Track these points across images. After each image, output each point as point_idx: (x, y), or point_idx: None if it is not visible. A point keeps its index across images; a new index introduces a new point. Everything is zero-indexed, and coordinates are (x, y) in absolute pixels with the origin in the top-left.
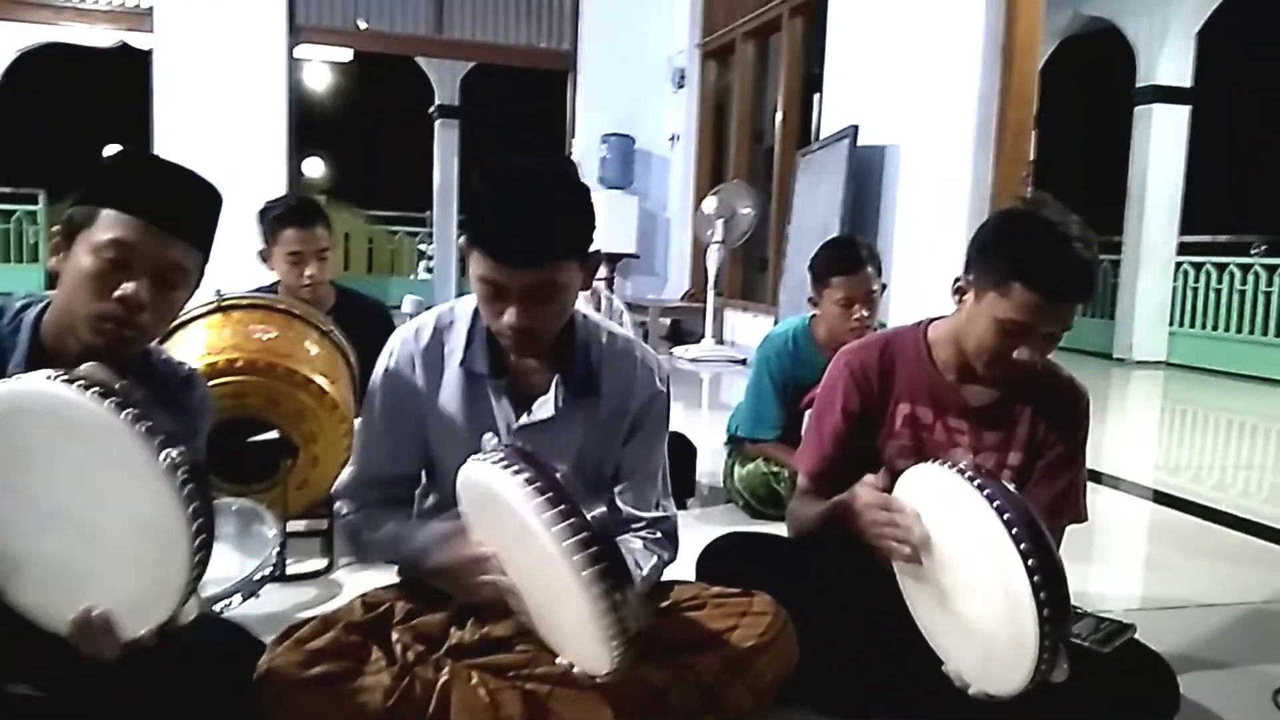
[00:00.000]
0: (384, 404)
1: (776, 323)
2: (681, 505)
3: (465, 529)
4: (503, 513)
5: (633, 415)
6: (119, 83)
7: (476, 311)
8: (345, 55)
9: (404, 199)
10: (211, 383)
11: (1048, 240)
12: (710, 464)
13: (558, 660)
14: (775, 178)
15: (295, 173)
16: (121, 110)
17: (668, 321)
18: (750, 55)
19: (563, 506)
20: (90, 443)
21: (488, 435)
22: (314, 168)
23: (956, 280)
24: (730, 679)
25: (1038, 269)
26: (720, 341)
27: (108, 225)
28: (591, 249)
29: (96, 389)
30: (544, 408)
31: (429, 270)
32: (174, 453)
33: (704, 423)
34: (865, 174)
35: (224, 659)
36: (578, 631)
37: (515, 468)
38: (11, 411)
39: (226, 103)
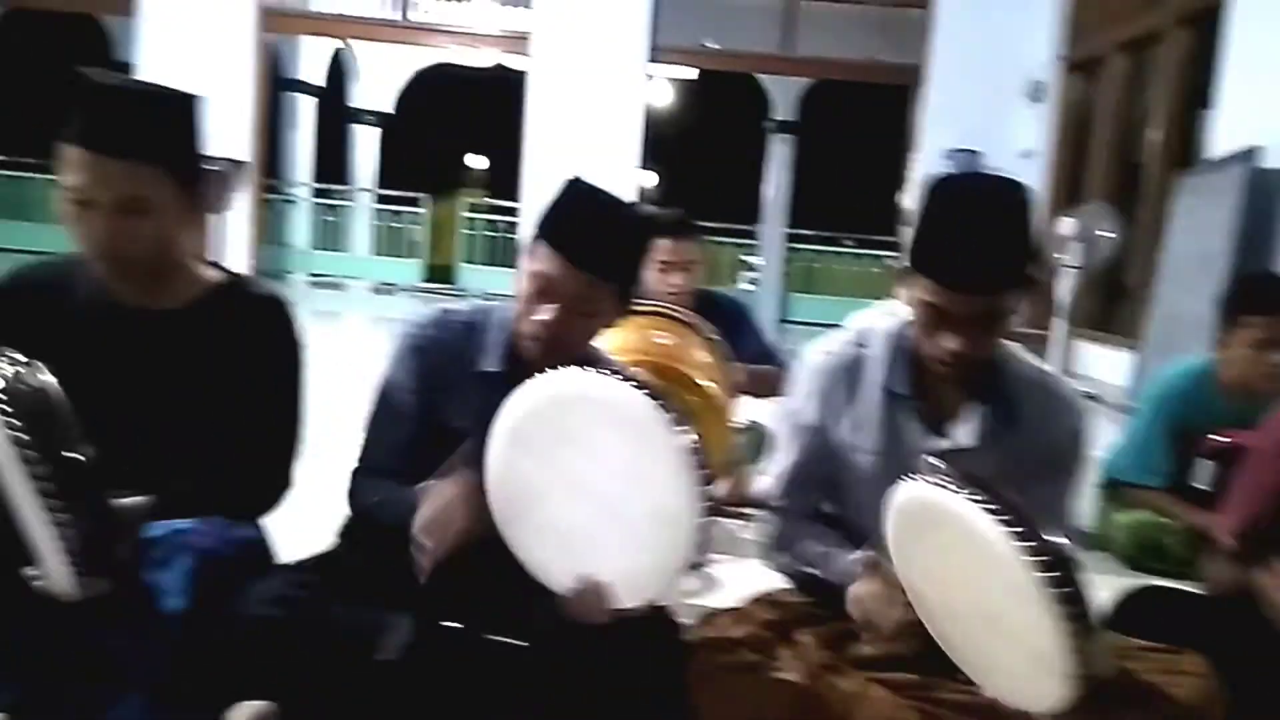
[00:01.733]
0: (793, 421)
1: (1147, 359)
2: None
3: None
4: (954, 537)
5: (1049, 452)
6: (489, 101)
7: (898, 331)
8: (691, 74)
9: (727, 211)
10: None
11: None
12: None
13: (978, 689)
14: (1146, 201)
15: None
16: (489, 126)
17: None
18: (1122, 68)
19: (1032, 536)
20: (634, 436)
21: (927, 458)
22: (647, 178)
23: None
24: None
25: None
26: (1069, 374)
27: (538, 256)
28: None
29: (650, 392)
30: (964, 434)
31: (751, 283)
32: (699, 454)
33: None
34: (1264, 201)
35: (652, 631)
36: (1024, 664)
37: (977, 492)
38: (574, 398)
39: (588, 119)
